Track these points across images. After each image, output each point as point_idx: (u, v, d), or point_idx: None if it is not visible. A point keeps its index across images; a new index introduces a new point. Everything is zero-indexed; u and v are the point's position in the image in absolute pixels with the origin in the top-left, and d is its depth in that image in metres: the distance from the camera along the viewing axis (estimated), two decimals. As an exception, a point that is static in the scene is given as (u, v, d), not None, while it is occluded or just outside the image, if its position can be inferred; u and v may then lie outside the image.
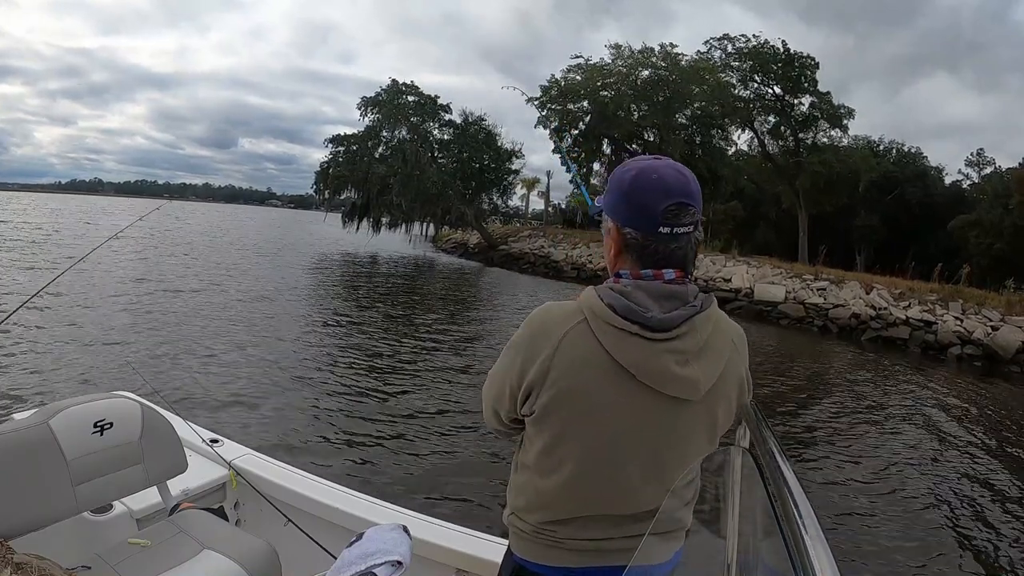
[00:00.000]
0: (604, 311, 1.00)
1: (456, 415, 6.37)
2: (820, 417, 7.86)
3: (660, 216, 1.00)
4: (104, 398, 1.98)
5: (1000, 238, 26.05)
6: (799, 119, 30.31)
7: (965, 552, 4.45)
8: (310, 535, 2.05)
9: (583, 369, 1.00)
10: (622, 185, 1.05)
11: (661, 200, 1.00)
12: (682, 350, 1.00)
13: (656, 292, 1.01)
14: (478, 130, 31.51)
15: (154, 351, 7.79)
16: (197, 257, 20.80)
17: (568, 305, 1.06)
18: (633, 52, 31.11)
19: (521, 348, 1.07)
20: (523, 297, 18.30)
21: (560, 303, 1.09)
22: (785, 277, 18.89)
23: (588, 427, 1.03)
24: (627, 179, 1.05)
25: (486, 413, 1.22)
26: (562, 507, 1.09)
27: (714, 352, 1.05)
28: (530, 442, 1.11)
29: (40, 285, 3.01)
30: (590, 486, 1.06)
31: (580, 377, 1.01)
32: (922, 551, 4.40)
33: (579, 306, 1.04)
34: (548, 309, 1.08)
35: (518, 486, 1.16)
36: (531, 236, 30.41)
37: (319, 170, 30.31)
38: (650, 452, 1.04)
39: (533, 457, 1.11)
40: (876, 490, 5.47)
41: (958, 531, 4.78)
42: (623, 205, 1.05)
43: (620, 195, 1.06)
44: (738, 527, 0.89)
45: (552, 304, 1.09)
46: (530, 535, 1.14)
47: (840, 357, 13.15)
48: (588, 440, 1.04)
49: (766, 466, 0.80)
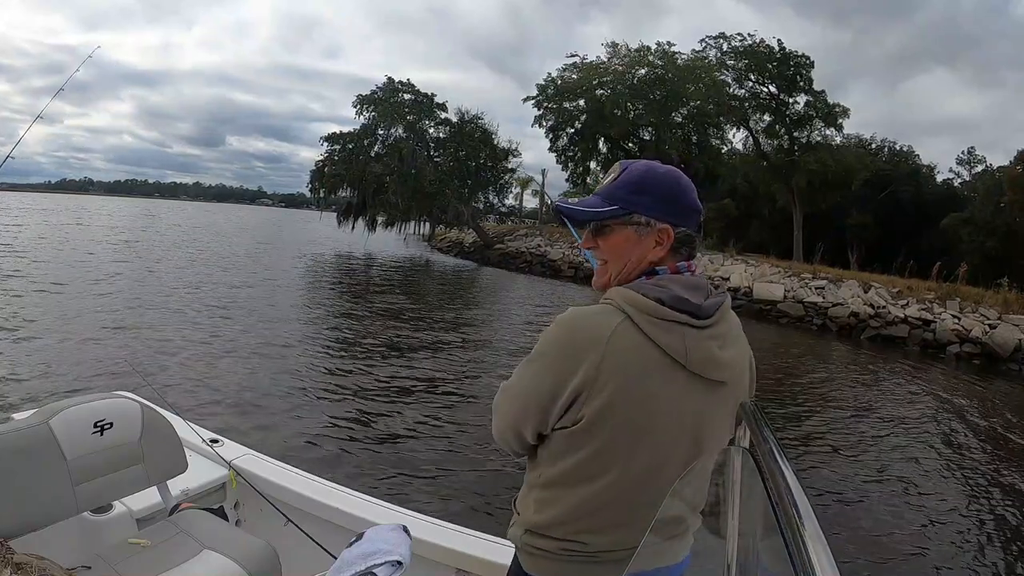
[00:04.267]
0: (650, 305, 1.01)
1: (456, 415, 6.37)
2: (820, 416, 7.89)
3: (698, 214, 1.12)
4: (104, 398, 1.99)
5: (993, 236, 26.14)
6: (794, 118, 30.36)
7: (965, 550, 4.47)
8: (310, 535, 2.05)
9: (636, 367, 1.00)
10: (670, 186, 1.11)
11: (695, 199, 1.11)
12: (720, 335, 1.07)
13: (689, 284, 1.06)
14: (474, 129, 31.46)
15: (154, 351, 7.76)
16: (197, 257, 20.73)
17: (599, 307, 1.05)
18: (630, 51, 31.17)
19: (558, 357, 1.02)
20: (521, 296, 18.31)
21: (587, 308, 1.06)
22: (783, 276, 18.93)
23: (641, 425, 1.02)
24: (671, 180, 1.11)
25: (502, 432, 1.16)
26: (604, 514, 1.05)
27: (739, 337, 1.14)
28: (564, 454, 1.06)
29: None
30: (641, 487, 1.04)
31: (634, 376, 1.00)
32: (922, 550, 4.42)
33: (615, 306, 1.03)
34: (582, 313, 1.05)
35: (542, 501, 1.10)
36: (527, 235, 30.33)
37: (314, 169, 30.11)
38: (691, 441, 1.06)
39: (567, 468, 1.06)
40: (876, 489, 5.49)
41: (958, 529, 4.80)
42: (675, 205, 1.10)
43: (668, 195, 1.10)
44: (738, 527, 0.90)
45: (580, 308, 1.06)
46: (556, 552, 1.09)
47: (840, 356, 13.19)
48: (639, 439, 1.03)
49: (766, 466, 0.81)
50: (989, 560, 4.37)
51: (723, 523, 0.99)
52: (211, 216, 70.75)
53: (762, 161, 32.42)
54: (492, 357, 9.38)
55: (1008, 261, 22.83)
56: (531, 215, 46.10)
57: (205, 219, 58.72)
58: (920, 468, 6.17)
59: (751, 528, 0.86)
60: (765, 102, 30.76)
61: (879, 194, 31.59)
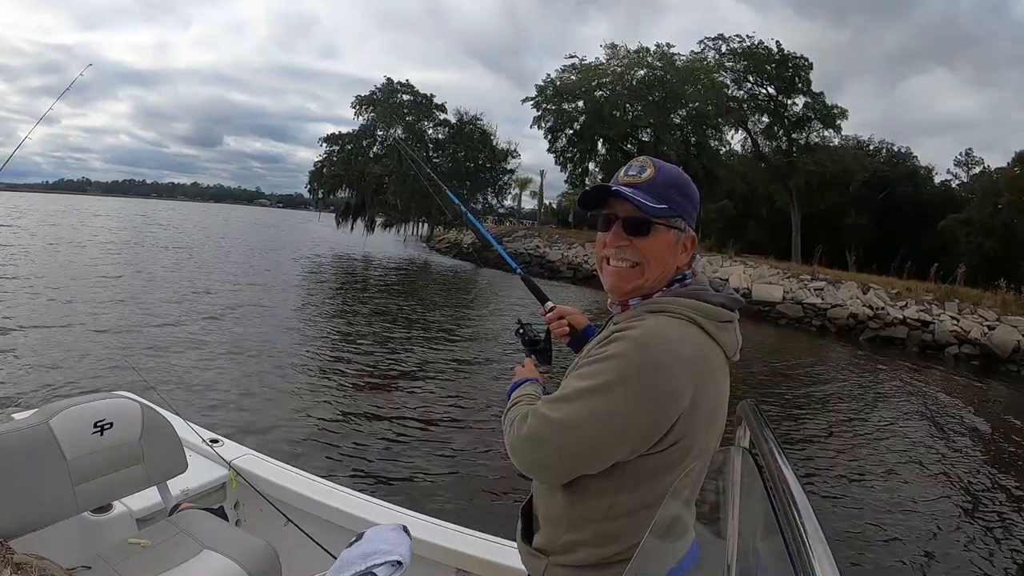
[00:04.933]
0: (717, 311, 1.04)
1: (456, 415, 6.38)
2: (820, 417, 7.90)
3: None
4: (104, 398, 1.99)
5: (991, 237, 26.20)
6: (792, 119, 30.44)
7: (965, 550, 4.48)
8: (310, 535, 2.06)
9: (714, 374, 1.01)
10: (696, 192, 1.11)
11: None
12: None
13: (713, 283, 1.12)
14: (473, 129, 31.46)
15: (154, 351, 7.76)
16: (196, 258, 20.73)
17: (677, 323, 1.00)
18: (629, 52, 31.20)
19: (647, 383, 0.94)
20: (519, 297, 18.30)
21: (656, 324, 1.00)
22: (782, 277, 18.98)
23: (713, 421, 1.04)
24: (695, 186, 1.12)
25: (548, 464, 1.04)
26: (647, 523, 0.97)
27: None
28: (655, 475, 1.00)
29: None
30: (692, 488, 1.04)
31: (714, 384, 1.01)
32: (922, 550, 4.43)
33: (687, 319, 1.00)
34: (662, 332, 0.98)
35: (610, 534, 1.03)
36: (526, 236, 30.36)
37: (313, 170, 30.14)
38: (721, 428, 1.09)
39: (662, 488, 0.99)
40: (876, 489, 5.50)
41: (958, 529, 4.82)
42: (697, 211, 1.12)
43: (697, 201, 1.12)
44: (738, 527, 0.90)
45: (656, 325, 0.99)
46: (594, 570, 1.04)
47: (839, 357, 13.20)
48: (712, 434, 1.05)
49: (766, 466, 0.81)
50: (988, 559, 4.37)
51: (723, 523, 0.99)
52: (210, 217, 70.67)
53: (760, 162, 32.47)
54: (491, 358, 9.38)
55: (1006, 262, 22.90)
56: (529, 216, 46.19)
57: (204, 220, 58.65)
58: (920, 469, 6.18)
59: (751, 528, 0.86)
60: (763, 103, 30.86)
61: (877, 195, 31.65)
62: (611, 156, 33.85)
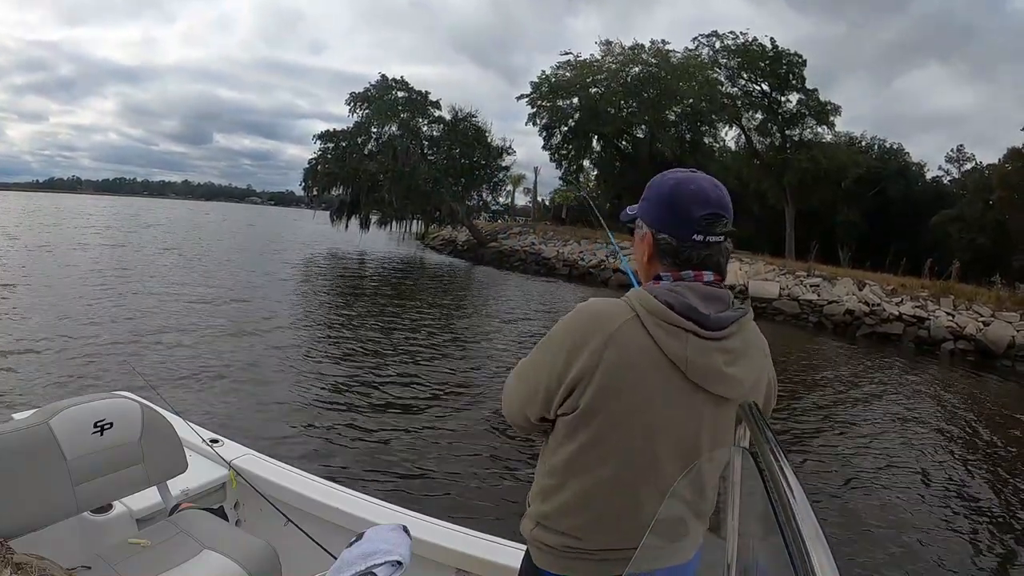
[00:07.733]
0: (659, 308, 1.02)
1: (455, 414, 6.39)
2: (818, 414, 7.94)
3: (696, 224, 1.06)
4: (104, 398, 1.98)
5: (982, 233, 26.34)
6: (786, 116, 30.48)
7: (965, 548, 4.51)
8: (310, 535, 2.06)
9: (634, 364, 1.01)
10: (661, 194, 1.11)
11: (698, 209, 1.06)
12: (730, 350, 1.05)
13: (706, 294, 1.06)
14: (468, 127, 31.36)
15: (154, 351, 7.75)
16: (196, 258, 20.65)
17: (613, 301, 1.07)
18: (624, 49, 31.20)
19: (565, 342, 1.05)
20: (515, 295, 18.31)
21: (604, 299, 1.09)
22: (778, 274, 19.03)
23: (634, 422, 1.03)
24: (667, 188, 1.11)
25: (512, 413, 1.20)
26: (599, 509, 1.07)
27: (754, 355, 1.11)
28: (564, 442, 1.09)
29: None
30: (630, 485, 1.06)
31: (631, 372, 1.02)
32: (922, 548, 4.46)
33: (627, 303, 1.06)
34: (596, 304, 1.08)
35: (547, 490, 1.13)
36: (521, 233, 30.30)
37: (307, 167, 29.92)
38: (690, 451, 1.06)
39: (567, 457, 1.08)
40: (875, 488, 5.53)
41: (957, 526, 4.85)
42: (662, 212, 1.10)
43: (659, 203, 1.11)
44: (738, 527, 0.91)
45: (597, 299, 1.09)
46: (560, 549, 1.11)
47: (836, 353, 13.25)
48: (632, 436, 1.04)
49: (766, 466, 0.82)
50: (988, 557, 4.42)
51: (723, 523, 1.00)
52: (205, 216, 70.29)
53: (754, 159, 32.51)
54: (489, 356, 9.39)
55: (999, 258, 23.03)
56: (522, 212, 46.04)
57: (198, 219, 58.35)
58: (918, 466, 6.22)
59: (751, 528, 0.87)
60: (758, 100, 30.90)
61: (869, 191, 31.70)
62: (605, 153, 33.88)
